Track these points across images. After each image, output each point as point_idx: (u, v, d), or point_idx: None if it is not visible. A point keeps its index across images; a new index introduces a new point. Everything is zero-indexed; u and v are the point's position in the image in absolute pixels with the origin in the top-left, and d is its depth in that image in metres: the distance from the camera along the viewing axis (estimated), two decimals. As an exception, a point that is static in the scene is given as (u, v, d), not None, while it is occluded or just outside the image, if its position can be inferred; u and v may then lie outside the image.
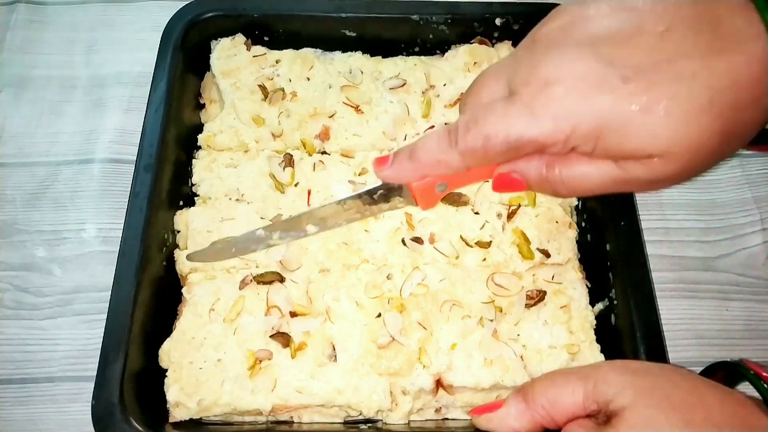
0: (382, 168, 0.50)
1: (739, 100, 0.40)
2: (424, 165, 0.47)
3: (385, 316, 0.58)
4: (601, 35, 0.41)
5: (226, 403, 0.56)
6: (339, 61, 0.73)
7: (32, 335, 0.66)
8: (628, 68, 0.40)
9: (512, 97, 0.43)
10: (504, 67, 0.46)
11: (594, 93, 0.40)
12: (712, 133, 0.40)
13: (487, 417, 0.49)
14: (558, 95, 0.40)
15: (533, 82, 0.42)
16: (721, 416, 0.41)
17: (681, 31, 0.40)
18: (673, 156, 0.41)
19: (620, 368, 0.45)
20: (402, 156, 0.48)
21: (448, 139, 0.45)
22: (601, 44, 0.41)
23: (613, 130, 0.40)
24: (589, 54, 0.41)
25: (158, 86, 0.67)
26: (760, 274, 0.70)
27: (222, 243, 0.60)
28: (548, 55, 0.42)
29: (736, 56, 0.39)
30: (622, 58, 0.40)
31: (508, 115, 0.42)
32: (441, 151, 0.46)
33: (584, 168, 0.44)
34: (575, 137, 0.41)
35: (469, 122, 0.44)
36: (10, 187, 0.74)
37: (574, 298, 0.61)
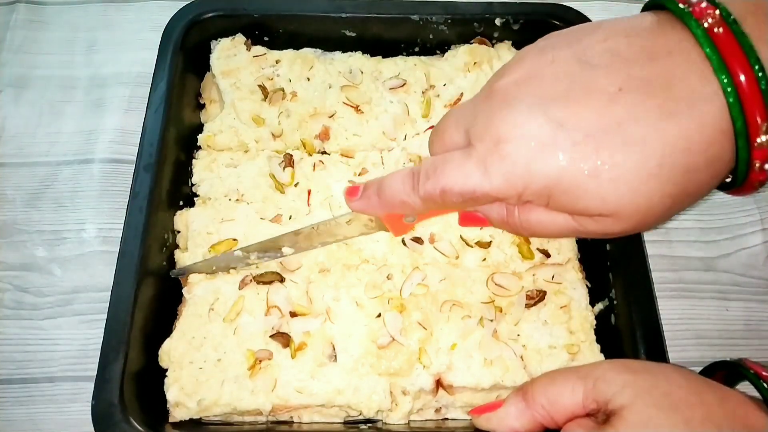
0: (351, 199, 0.53)
1: (691, 163, 0.39)
2: (388, 203, 0.50)
3: (385, 316, 0.58)
4: (553, 94, 0.41)
5: (226, 403, 0.56)
6: (339, 61, 0.73)
7: (32, 335, 0.66)
8: (577, 131, 0.40)
9: (469, 149, 0.44)
10: (464, 113, 0.46)
11: (543, 155, 0.40)
12: (662, 196, 0.40)
13: (487, 417, 0.49)
14: (509, 155, 0.41)
15: (487, 139, 0.42)
16: (721, 415, 0.41)
17: (633, 92, 0.40)
18: (623, 216, 0.41)
19: (620, 367, 0.45)
20: (370, 191, 0.51)
21: (411, 183, 0.47)
22: (553, 105, 0.41)
23: (563, 191, 0.41)
24: (540, 115, 0.41)
25: (158, 86, 0.67)
26: (760, 274, 0.70)
27: (203, 263, 0.61)
28: (501, 113, 0.42)
29: (688, 120, 0.39)
30: (573, 120, 0.40)
31: (463, 169, 0.43)
32: (404, 193, 0.48)
33: (541, 216, 0.45)
34: (527, 194, 0.42)
35: (428, 170, 0.46)
36: (10, 187, 0.74)
37: (574, 298, 0.61)
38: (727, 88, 0.38)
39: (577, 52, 0.42)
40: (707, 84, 0.38)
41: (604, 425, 0.42)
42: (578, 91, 0.41)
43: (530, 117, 0.41)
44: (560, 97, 0.41)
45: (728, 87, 0.38)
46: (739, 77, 0.37)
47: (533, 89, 0.42)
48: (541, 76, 0.43)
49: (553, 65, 0.43)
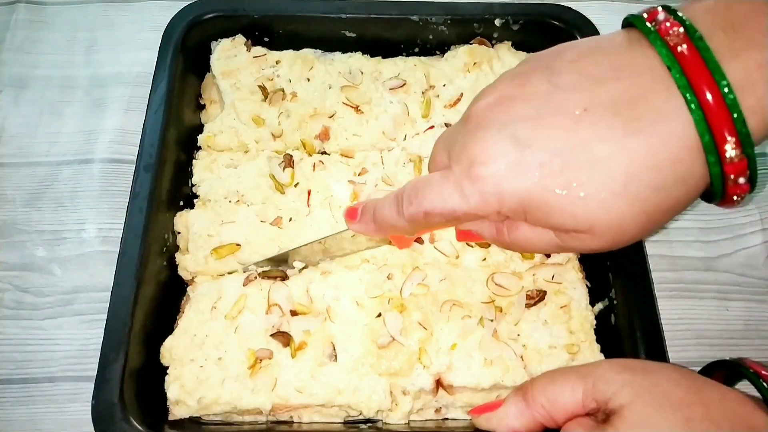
0: (351, 222, 0.55)
1: (659, 180, 0.40)
2: (382, 227, 0.52)
3: (385, 316, 0.58)
4: (522, 116, 0.42)
5: (226, 401, 0.56)
6: (339, 62, 0.74)
7: (32, 335, 0.66)
8: (543, 152, 0.41)
9: (447, 171, 0.46)
10: (449, 136, 0.48)
11: (513, 175, 0.42)
12: (634, 213, 0.41)
13: (487, 417, 0.49)
14: (481, 176, 0.43)
15: (463, 161, 0.44)
16: (721, 414, 0.41)
17: (598, 112, 0.40)
18: (597, 233, 0.42)
19: (619, 366, 0.45)
20: (367, 216, 0.53)
21: (397, 208, 0.49)
22: (521, 127, 0.42)
23: (536, 208, 0.42)
24: (508, 137, 0.42)
25: (158, 86, 0.67)
26: (760, 274, 0.70)
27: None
28: (475, 136, 0.44)
29: (652, 137, 0.39)
30: (539, 141, 0.41)
31: (441, 191, 0.45)
32: (392, 218, 0.50)
33: (527, 234, 0.46)
34: (505, 211, 0.43)
35: (410, 194, 0.48)
36: (10, 187, 0.74)
37: (574, 298, 0.61)
38: (691, 105, 0.38)
39: (548, 74, 0.44)
40: (672, 100, 0.39)
41: (603, 424, 0.42)
42: (546, 113, 0.42)
43: (499, 139, 0.42)
44: (528, 118, 0.42)
45: (692, 104, 0.38)
46: (705, 94, 0.37)
47: (504, 112, 0.44)
48: (512, 99, 0.44)
49: (524, 88, 0.44)
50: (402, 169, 0.67)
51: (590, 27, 0.72)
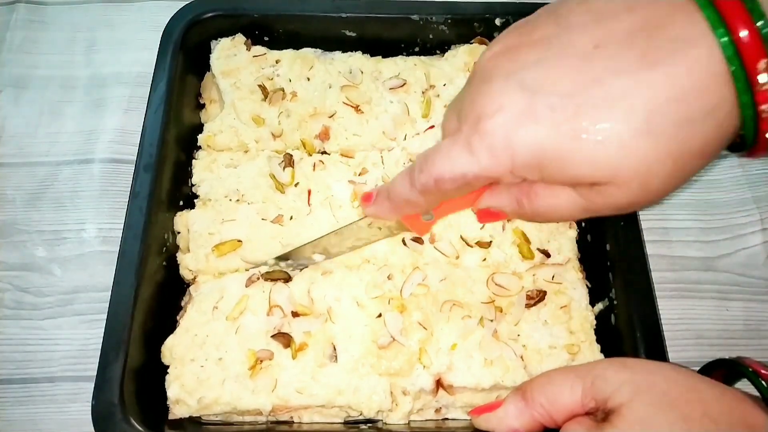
0: (366, 205, 0.52)
1: (685, 114, 0.36)
2: (398, 205, 0.49)
3: (385, 317, 0.58)
4: (528, 62, 0.40)
5: (226, 402, 0.56)
6: (339, 61, 0.74)
7: (32, 335, 0.66)
8: (554, 95, 0.38)
9: (456, 134, 0.43)
10: (456, 99, 0.46)
11: (522, 125, 0.38)
12: (660, 155, 0.37)
13: (486, 417, 0.49)
14: (489, 131, 0.40)
15: (469, 118, 0.41)
16: (720, 413, 0.41)
17: (611, 47, 0.37)
18: (622, 182, 0.39)
19: (618, 365, 0.45)
20: (382, 196, 0.51)
21: (409, 180, 0.46)
22: (528, 72, 0.39)
23: (552, 160, 0.39)
24: (514, 84, 0.39)
25: (158, 86, 0.67)
26: (760, 274, 0.70)
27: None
28: (479, 90, 0.41)
29: (674, 66, 0.36)
30: (548, 84, 0.38)
31: (450, 154, 0.42)
32: (406, 191, 0.47)
33: (549, 199, 0.44)
34: (518, 168, 0.40)
35: (421, 163, 0.45)
36: (10, 187, 0.75)
37: (574, 298, 0.61)
38: (716, 26, 0.34)
39: (555, 17, 0.41)
40: (694, 25, 0.35)
41: (603, 424, 0.42)
42: (553, 55, 0.39)
43: (506, 87, 0.40)
44: (535, 63, 0.39)
45: (717, 25, 0.34)
46: (730, 11, 0.34)
47: (509, 61, 0.41)
48: (517, 47, 0.41)
49: (530, 35, 0.41)
50: (402, 168, 0.67)
51: (590, 27, 0.72)
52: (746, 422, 0.41)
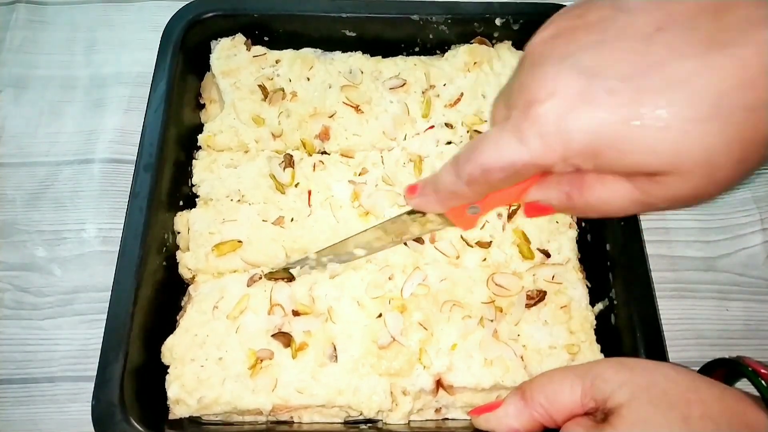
0: (411, 197, 0.51)
1: (754, 99, 0.34)
2: (444, 197, 0.48)
3: (385, 317, 0.58)
4: (584, 45, 0.38)
5: (226, 401, 0.56)
6: (339, 61, 0.73)
7: (32, 335, 0.66)
8: (613, 78, 0.36)
9: (505, 122, 0.41)
10: (505, 87, 0.44)
11: (578, 110, 0.37)
12: (727, 141, 0.35)
13: (486, 417, 0.49)
14: (541, 116, 0.38)
15: (520, 105, 0.40)
16: (719, 413, 0.41)
17: (675, 28, 0.36)
18: (685, 172, 0.36)
19: (618, 365, 0.45)
20: (428, 188, 0.49)
21: (455, 171, 0.45)
22: (584, 55, 0.37)
23: (609, 147, 0.37)
24: (569, 68, 0.37)
25: (158, 86, 0.67)
26: (760, 274, 0.70)
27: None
28: (531, 74, 0.40)
29: (743, 48, 0.34)
30: (607, 67, 0.37)
31: (499, 142, 0.41)
32: (452, 182, 0.45)
33: (602, 192, 0.42)
34: (571, 156, 0.38)
35: (467, 153, 0.43)
36: (10, 187, 0.75)
37: (574, 298, 0.61)
38: None
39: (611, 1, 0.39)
40: (760, 6, 0.33)
41: (602, 424, 0.42)
42: (611, 38, 0.37)
43: (560, 71, 0.38)
44: (592, 46, 0.38)
45: None
46: None
47: (563, 44, 0.39)
48: (571, 30, 0.40)
49: (584, 18, 0.40)
50: (402, 168, 0.67)
51: (590, 27, 0.72)
52: (746, 422, 0.41)
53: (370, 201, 0.64)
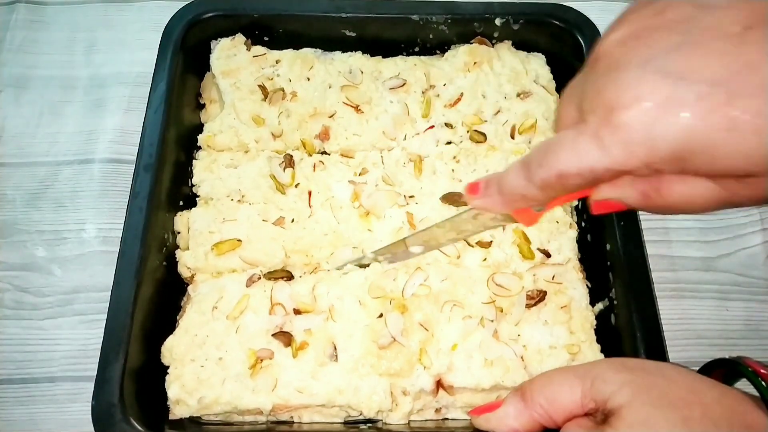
0: (473, 197, 0.49)
1: None
2: (510, 198, 0.47)
3: (386, 317, 0.58)
4: (667, 47, 0.37)
5: (226, 401, 0.56)
6: (339, 61, 0.73)
7: (32, 335, 0.66)
8: (701, 82, 0.35)
9: (581, 125, 0.40)
10: (575, 87, 0.43)
11: (665, 116, 0.36)
12: None
13: (486, 417, 0.48)
14: (625, 123, 0.37)
15: (598, 109, 0.38)
16: (719, 413, 0.41)
17: (765, 27, 0.34)
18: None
19: (618, 366, 0.44)
20: (492, 189, 0.48)
21: (525, 175, 0.44)
22: (668, 58, 0.36)
23: (697, 152, 0.36)
24: (654, 72, 0.36)
25: (158, 86, 0.67)
26: (760, 274, 0.70)
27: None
28: (610, 78, 0.38)
29: None
30: (694, 71, 0.35)
31: (577, 147, 0.40)
32: (520, 186, 0.45)
33: (684, 190, 0.40)
34: (656, 161, 0.37)
35: (540, 156, 0.42)
36: (10, 187, 0.75)
37: (575, 298, 0.61)
38: None
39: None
40: None
41: (602, 425, 0.42)
42: (697, 38, 0.36)
43: (644, 76, 0.37)
44: (677, 47, 0.36)
45: None
46: None
47: (643, 46, 0.38)
48: (650, 31, 0.38)
49: (662, 15, 0.38)
50: (402, 168, 0.67)
51: (591, 27, 0.72)
52: (746, 423, 0.41)
53: (370, 201, 0.64)
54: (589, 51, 0.69)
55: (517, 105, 0.71)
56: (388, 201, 0.64)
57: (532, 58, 0.74)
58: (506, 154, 0.68)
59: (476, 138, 0.69)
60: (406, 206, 0.65)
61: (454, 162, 0.67)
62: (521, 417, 0.46)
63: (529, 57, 0.74)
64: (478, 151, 0.68)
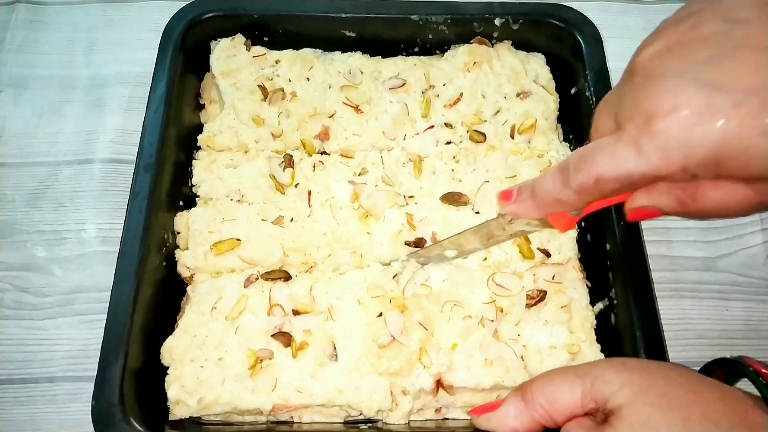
0: (506, 203, 0.51)
1: None
2: (544, 204, 0.48)
3: (386, 316, 0.58)
4: (702, 59, 0.39)
5: (226, 401, 0.56)
6: (339, 61, 0.74)
7: (32, 335, 0.66)
8: (737, 91, 0.37)
9: (618, 133, 0.42)
10: (611, 98, 0.45)
11: (702, 123, 0.37)
12: None
13: (486, 417, 0.49)
14: (663, 130, 0.39)
15: (636, 118, 0.40)
16: (720, 414, 0.41)
17: None
18: None
19: (618, 366, 0.45)
20: (525, 195, 0.49)
21: (562, 179, 0.45)
22: (703, 69, 0.38)
23: (733, 157, 0.38)
24: (691, 82, 0.38)
25: (158, 86, 0.67)
26: (760, 274, 0.70)
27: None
28: (646, 89, 0.40)
29: None
30: (730, 80, 0.37)
31: (615, 153, 0.41)
32: (556, 191, 0.46)
33: (718, 196, 0.42)
34: (692, 167, 0.39)
35: (578, 162, 0.44)
36: (10, 187, 0.75)
37: (575, 298, 0.61)
38: None
39: (721, 12, 0.40)
40: None
41: (603, 425, 0.42)
42: (730, 51, 0.38)
43: (681, 86, 0.38)
44: (710, 60, 0.38)
45: None
46: None
47: (678, 58, 0.40)
48: (684, 44, 0.40)
49: (695, 30, 0.40)
50: (402, 168, 0.67)
51: (590, 26, 0.72)
52: (747, 423, 0.41)
53: (369, 201, 0.64)
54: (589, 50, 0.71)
55: (517, 105, 0.71)
56: (387, 201, 0.64)
57: (532, 58, 0.74)
58: (506, 154, 0.68)
59: (476, 138, 0.69)
60: (406, 206, 0.65)
61: (453, 162, 0.67)
62: (521, 417, 0.46)
63: (529, 57, 0.74)
64: (478, 151, 0.68)
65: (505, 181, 0.66)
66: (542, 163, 0.67)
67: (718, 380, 0.45)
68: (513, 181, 0.66)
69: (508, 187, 0.52)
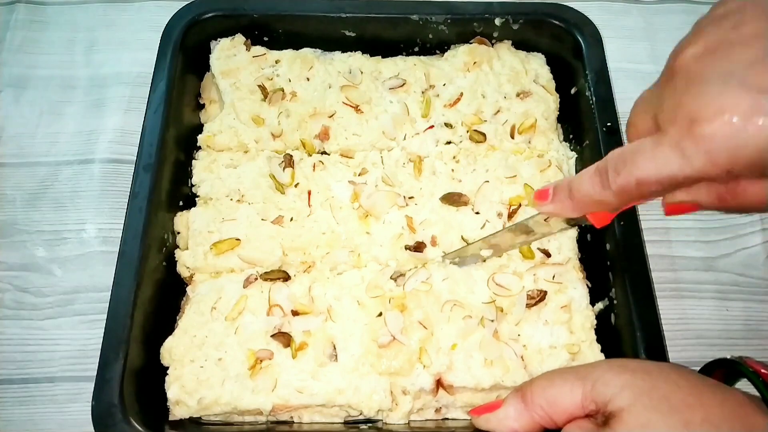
0: (542, 203, 0.51)
1: None
2: (582, 204, 0.48)
3: (386, 316, 0.58)
4: (745, 61, 0.39)
5: (226, 402, 0.56)
6: (339, 61, 0.73)
7: (32, 335, 0.66)
8: None
9: (659, 135, 0.42)
10: (650, 99, 0.45)
11: (748, 126, 0.37)
12: None
13: (486, 417, 0.49)
14: (708, 134, 0.38)
15: (679, 121, 0.40)
16: (721, 417, 0.41)
17: None
18: None
19: (619, 368, 0.44)
20: (562, 194, 0.50)
21: (601, 181, 0.45)
22: (748, 72, 0.38)
23: None
24: (736, 86, 0.38)
25: (158, 86, 0.67)
26: (760, 274, 0.70)
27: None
28: (690, 92, 0.40)
29: None
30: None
31: (656, 156, 0.41)
32: (595, 192, 0.46)
33: (757, 191, 0.42)
34: (738, 168, 0.39)
35: (617, 164, 0.44)
36: (10, 187, 0.75)
37: (575, 298, 0.61)
38: None
39: (763, 11, 0.40)
40: None
41: (603, 427, 0.42)
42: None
43: (725, 90, 0.38)
44: (754, 63, 0.38)
45: None
46: None
47: (720, 60, 0.40)
48: (726, 45, 0.40)
49: (738, 30, 0.40)
50: (402, 168, 0.67)
51: (590, 26, 0.72)
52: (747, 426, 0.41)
53: (369, 201, 0.64)
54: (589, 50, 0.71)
55: (517, 105, 0.71)
56: (387, 201, 0.64)
57: (532, 58, 0.74)
58: (506, 154, 0.68)
59: (476, 138, 0.69)
60: (406, 207, 0.65)
61: (453, 162, 0.67)
62: (521, 418, 0.46)
63: (529, 57, 0.74)
64: (478, 150, 0.68)
65: (505, 181, 0.66)
66: (542, 162, 0.67)
67: (717, 381, 0.45)
68: (513, 181, 0.66)
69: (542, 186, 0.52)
